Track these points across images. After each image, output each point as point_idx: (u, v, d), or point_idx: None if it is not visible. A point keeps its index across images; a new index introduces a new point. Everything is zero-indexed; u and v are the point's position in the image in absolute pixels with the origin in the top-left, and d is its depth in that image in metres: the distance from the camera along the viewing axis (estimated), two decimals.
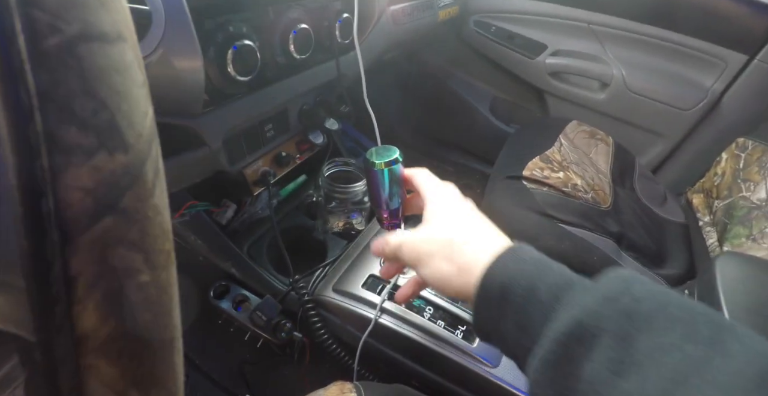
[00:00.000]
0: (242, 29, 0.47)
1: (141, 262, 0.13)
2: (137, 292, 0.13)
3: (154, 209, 0.13)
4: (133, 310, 0.13)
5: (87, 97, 0.12)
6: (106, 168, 0.12)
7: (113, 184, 0.12)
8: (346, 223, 0.63)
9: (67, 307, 0.12)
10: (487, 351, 0.46)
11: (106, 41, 0.13)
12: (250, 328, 0.54)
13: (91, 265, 0.12)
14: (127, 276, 0.13)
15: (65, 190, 0.11)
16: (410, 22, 0.83)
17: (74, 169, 0.11)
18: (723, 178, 0.81)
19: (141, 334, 0.13)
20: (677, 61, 0.92)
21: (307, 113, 0.63)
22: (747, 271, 0.48)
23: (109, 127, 0.12)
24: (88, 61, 0.12)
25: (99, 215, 0.12)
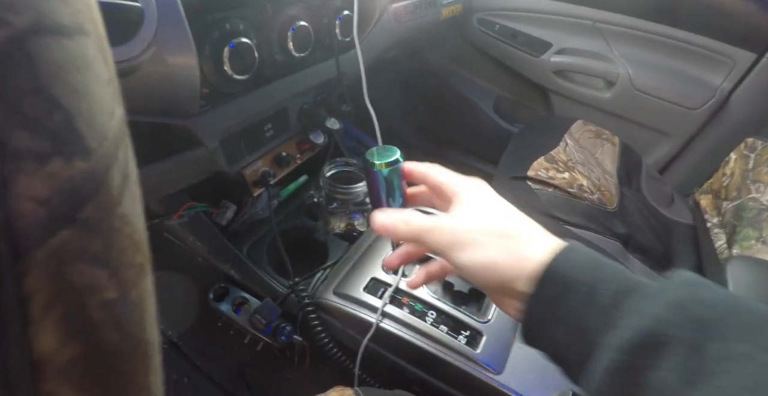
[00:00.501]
0: (239, 26, 0.45)
1: (105, 278, 0.12)
2: (102, 311, 0.12)
3: (122, 219, 0.12)
4: (97, 331, 0.12)
5: (39, 97, 0.10)
6: (62, 175, 0.11)
7: (71, 193, 0.11)
8: (347, 225, 0.62)
9: (21, 329, 0.10)
10: (490, 357, 0.44)
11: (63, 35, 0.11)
12: (249, 331, 0.52)
13: (47, 283, 0.11)
14: (89, 294, 0.11)
15: (15, 200, 0.10)
16: (412, 19, 0.82)
17: (25, 177, 0.10)
18: (732, 178, 0.79)
19: (107, 356, 0.12)
20: (684, 59, 0.90)
21: (308, 112, 0.61)
22: (758, 276, 0.46)
23: (66, 130, 0.11)
24: (40, 56, 0.11)
25: (55, 227, 0.10)
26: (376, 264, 0.51)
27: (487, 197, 0.27)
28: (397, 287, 0.48)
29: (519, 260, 0.23)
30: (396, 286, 0.48)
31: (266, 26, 0.49)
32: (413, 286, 0.33)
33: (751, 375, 0.15)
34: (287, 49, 0.50)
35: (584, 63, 0.94)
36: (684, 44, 0.90)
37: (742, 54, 0.86)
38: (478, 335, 0.45)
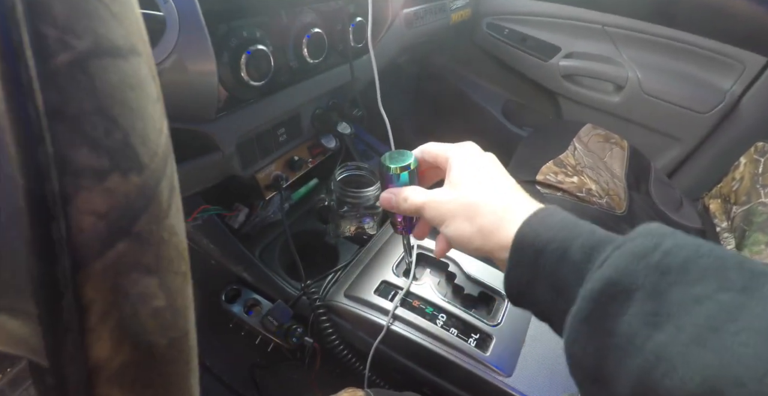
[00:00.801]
0: (256, 34, 0.46)
1: (156, 286, 0.12)
2: (152, 319, 0.12)
3: (170, 230, 0.13)
4: (147, 337, 0.12)
5: (99, 116, 0.11)
6: (119, 190, 0.11)
7: (127, 207, 0.11)
8: (358, 228, 0.62)
9: (80, 336, 0.11)
10: (500, 360, 0.44)
11: (119, 56, 0.12)
12: (261, 333, 0.53)
13: (105, 293, 0.11)
14: (141, 302, 0.12)
15: (77, 214, 0.11)
16: (423, 25, 0.82)
17: (86, 192, 0.11)
18: (741, 183, 0.78)
19: (156, 361, 0.13)
20: (694, 63, 0.89)
21: (320, 117, 0.62)
22: None
23: (123, 147, 0.11)
24: (100, 77, 0.11)
25: (112, 240, 0.11)
26: (387, 267, 0.52)
27: (472, 166, 0.29)
28: (407, 290, 0.48)
29: (488, 234, 0.25)
30: (407, 289, 0.48)
31: (282, 33, 0.49)
32: (438, 256, 0.35)
33: (710, 314, 0.16)
34: (302, 55, 0.51)
35: (593, 67, 0.94)
36: (693, 47, 0.89)
37: (752, 57, 0.86)
38: (487, 338, 0.46)
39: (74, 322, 0.11)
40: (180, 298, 0.13)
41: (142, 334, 0.12)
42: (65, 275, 0.11)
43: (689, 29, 0.89)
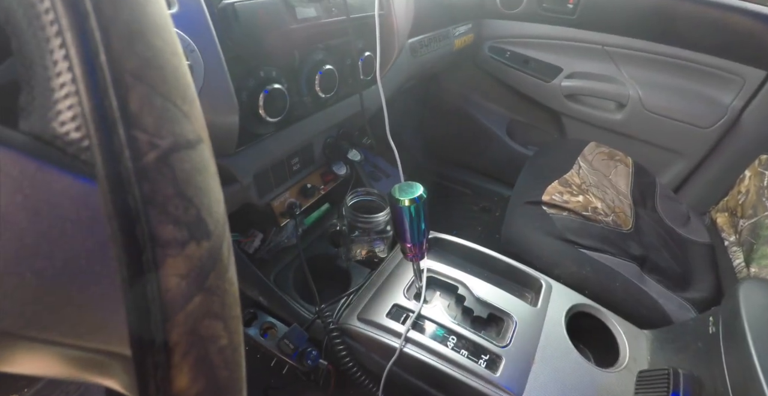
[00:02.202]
0: (272, 74, 0.51)
1: (221, 329, 0.16)
2: (218, 355, 0.15)
3: (230, 282, 0.16)
4: (215, 370, 0.15)
5: (179, 199, 0.15)
6: (195, 255, 0.15)
7: (201, 268, 0.15)
8: (368, 252, 0.65)
9: (166, 372, 0.14)
10: (509, 380, 0.46)
11: (190, 148, 0.16)
12: (276, 355, 0.56)
13: (185, 336, 0.15)
14: (211, 342, 0.15)
15: (165, 277, 0.14)
16: (428, 52, 0.87)
17: (171, 259, 0.14)
18: (747, 196, 0.80)
19: (221, 389, 0.16)
20: (694, 79, 0.93)
21: (331, 146, 0.66)
22: None
23: (197, 221, 0.15)
24: (178, 167, 0.15)
25: (191, 295, 0.15)
26: (398, 290, 0.55)
27: None
28: (419, 313, 0.51)
29: None
30: (418, 312, 0.51)
31: (295, 72, 0.54)
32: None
33: None
34: (315, 91, 0.55)
35: (595, 86, 0.98)
36: (693, 64, 0.93)
37: (752, 71, 0.89)
38: (497, 359, 0.48)
39: (162, 361, 0.14)
40: (237, 336, 0.16)
41: (211, 368, 0.15)
42: (156, 325, 0.14)
43: (688, 46, 0.92)
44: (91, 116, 0.14)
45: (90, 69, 0.14)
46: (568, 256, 0.64)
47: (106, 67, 0.14)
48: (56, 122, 0.14)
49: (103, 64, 0.14)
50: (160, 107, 0.15)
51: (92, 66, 0.14)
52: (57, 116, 0.14)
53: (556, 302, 0.56)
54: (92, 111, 0.14)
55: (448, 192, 1.15)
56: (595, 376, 0.50)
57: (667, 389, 0.45)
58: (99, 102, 0.14)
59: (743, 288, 0.48)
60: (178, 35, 0.39)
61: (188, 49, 0.41)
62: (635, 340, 0.56)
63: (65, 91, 0.14)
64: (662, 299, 0.64)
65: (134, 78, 0.15)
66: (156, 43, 0.16)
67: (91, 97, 0.14)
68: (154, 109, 0.15)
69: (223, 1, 0.43)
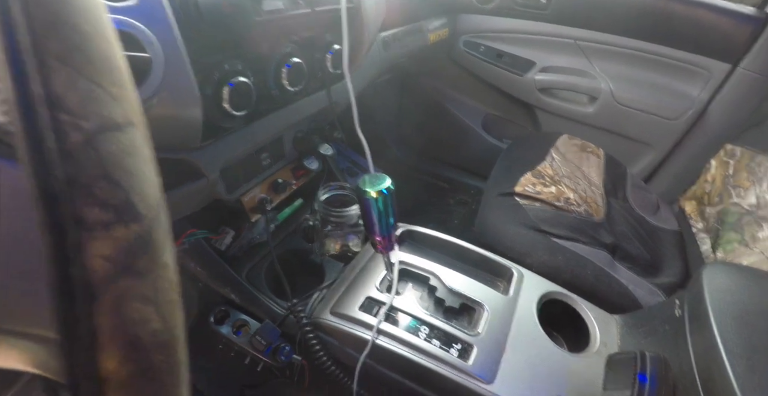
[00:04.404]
0: (237, 66, 0.50)
1: (153, 312, 0.16)
2: (151, 339, 0.16)
3: (164, 267, 0.16)
4: (147, 354, 0.16)
5: (106, 181, 0.15)
6: (122, 238, 0.15)
7: (129, 250, 0.15)
8: (342, 246, 0.66)
9: (93, 354, 0.15)
10: (481, 368, 0.47)
11: (119, 130, 0.16)
12: (250, 352, 0.56)
13: (112, 319, 0.15)
14: (142, 326, 0.15)
15: (90, 259, 0.14)
16: (401, 46, 0.88)
17: (96, 241, 0.14)
18: (713, 184, 0.83)
19: (154, 373, 0.16)
20: (663, 72, 0.96)
21: (302, 140, 0.66)
22: (734, 280, 0.50)
23: (125, 204, 0.15)
24: (104, 150, 0.15)
25: (118, 277, 0.15)
26: (371, 283, 0.55)
27: None
28: (391, 305, 0.52)
29: None
30: (390, 304, 0.52)
31: (262, 64, 0.54)
32: None
33: None
34: (282, 84, 0.55)
35: (567, 80, 1.00)
36: (662, 58, 0.96)
37: (718, 65, 0.92)
38: (469, 348, 0.49)
39: (88, 344, 0.14)
40: (173, 321, 0.17)
41: (142, 352, 0.15)
42: (81, 306, 0.14)
43: (657, 41, 0.96)
44: (15, 99, 0.14)
45: (13, 52, 0.14)
46: (540, 246, 0.66)
47: (30, 50, 0.14)
48: None
49: (26, 48, 0.14)
50: (85, 90, 0.15)
51: (15, 49, 0.14)
52: None
53: (527, 290, 0.57)
54: (16, 94, 0.14)
55: (424, 185, 1.16)
56: (566, 361, 0.51)
57: (634, 371, 0.47)
58: (22, 85, 0.14)
59: (706, 272, 0.51)
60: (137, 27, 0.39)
61: (147, 41, 0.40)
62: (606, 325, 0.58)
63: None
64: (632, 285, 0.67)
65: (59, 61, 0.15)
66: (84, 28, 0.16)
67: (15, 80, 0.14)
68: (78, 92, 0.15)
69: None
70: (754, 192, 0.77)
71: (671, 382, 0.46)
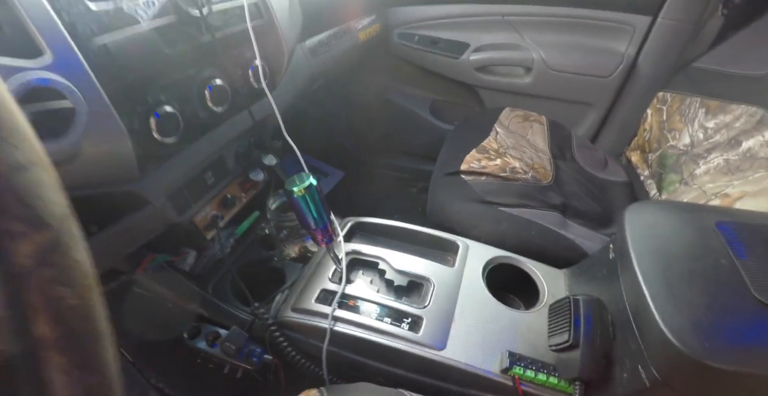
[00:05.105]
0: (160, 97, 0.58)
1: (69, 292, 0.23)
2: (69, 311, 0.23)
3: (75, 259, 0.24)
4: (69, 323, 0.23)
5: (20, 203, 0.22)
6: (37, 241, 0.22)
7: (43, 249, 0.22)
8: (301, 248, 0.73)
9: (28, 322, 0.22)
10: (432, 337, 0.54)
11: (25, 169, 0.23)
12: (227, 360, 0.63)
13: (38, 297, 0.22)
14: (60, 302, 0.23)
15: (16, 256, 0.22)
16: (329, 50, 0.96)
17: (19, 245, 0.22)
18: (651, 132, 0.92)
19: (78, 336, 0.23)
20: (589, 34, 1.05)
21: (243, 155, 0.74)
22: (654, 215, 0.57)
23: (36, 218, 0.23)
24: (15, 183, 0.22)
25: (38, 267, 0.22)
26: (324, 277, 0.62)
27: None
28: (342, 293, 0.59)
29: None
30: (342, 292, 0.59)
31: (184, 90, 0.61)
32: None
33: None
34: (208, 106, 0.62)
35: (501, 55, 1.09)
36: (586, 21, 1.05)
37: (640, 19, 1.01)
38: (418, 320, 0.56)
39: (24, 315, 0.22)
40: (89, 298, 0.24)
41: (64, 321, 0.23)
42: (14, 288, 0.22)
43: (579, 5, 1.05)
44: None
45: None
46: (486, 216, 0.73)
47: None
48: None
49: None
50: None
51: None
52: None
53: (473, 260, 0.65)
54: None
55: (385, 179, 1.24)
56: (515, 318, 0.59)
57: (570, 316, 0.54)
58: None
59: (628, 212, 0.58)
60: (56, 81, 0.46)
61: (67, 91, 0.47)
62: (554, 280, 0.65)
63: None
64: (582, 239, 0.74)
65: None
66: None
67: None
68: None
69: (95, 41, 0.50)
70: (688, 132, 0.85)
71: (608, 321, 0.53)
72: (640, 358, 0.45)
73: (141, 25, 0.53)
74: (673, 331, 0.41)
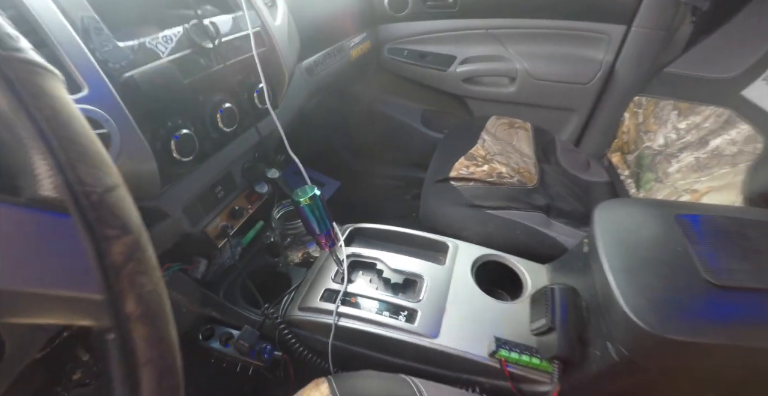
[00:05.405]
0: (178, 121, 0.68)
1: (148, 280, 0.33)
2: (148, 295, 0.33)
3: (149, 255, 0.33)
4: (147, 303, 0.33)
5: (112, 216, 0.32)
6: (125, 242, 0.32)
7: (130, 248, 0.32)
8: (303, 253, 0.83)
9: (120, 302, 0.32)
10: (426, 327, 0.64)
11: (113, 190, 0.33)
12: (239, 359, 0.72)
13: (127, 284, 0.32)
14: (142, 287, 0.33)
15: (112, 254, 0.32)
16: (325, 69, 1.07)
17: (113, 245, 0.32)
18: (629, 134, 1.03)
19: (154, 315, 0.33)
20: (568, 44, 1.17)
21: (249, 170, 0.84)
22: (621, 210, 0.66)
23: (124, 225, 0.33)
24: (108, 201, 0.33)
25: (127, 262, 0.32)
26: (327, 278, 0.72)
27: None
28: (345, 291, 0.69)
29: None
30: (344, 291, 0.69)
31: (199, 114, 0.72)
32: None
33: None
34: (219, 127, 0.73)
35: (487, 67, 1.20)
36: (565, 31, 1.17)
37: (615, 28, 1.13)
38: (414, 312, 0.65)
39: (118, 298, 0.32)
40: (159, 286, 0.34)
41: (144, 302, 0.33)
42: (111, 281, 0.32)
43: (558, 17, 1.17)
44: (62, 182, 0.32)
45: (54, 159, 0.32)
46: (474, 219, 0.84)
47: (64, 159, 0.32)
48: (43, 191, 0.31)
49: (61, 158, 0.32)
50: (92, 173, 0.33)
51: (55, 158, 0.32)
52: (43, 187, 0.31)
53: (462, 258, 0.75)
54: (63, 179, 0.32)
55: (380, 188, 1.35)
56: (501, 309, 0.68)
57: (548, 303, 0.64)
58: (63, 175, 0.32)
59: (598, 209, 0.67)
60: (93, 111, 0.57)
61: (103, 120, 0.58)
62: (537, 274, 0.75)
63: (48, 175, 0.31)
64: (566, 237, 0.84)
65: (77, 161, 0.32)
66: (83, 139, 0.33)
67: (59, 172, 0.32)
68: (89, 174, 0.33)
69: (124, 75, 0.61)
70: (662, 133, 0.96)
71: (581, 306, 0.63)
72: (609, 337, 0.54)
73: (161, 58, 0.63)
74: (634, 311, 0.49)
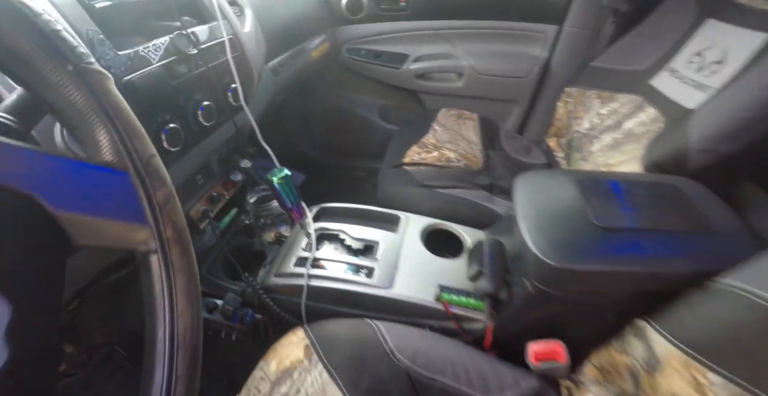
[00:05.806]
0: (166, 117, 0.89)
1: (179, 215, 0.55)
2: (180, 226, 0.55)
3: (177, 202, 0.56)
4: (180, 231, 0.55)
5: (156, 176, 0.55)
6: (164, 192, 0.55)
7: (168, 195, 0.55)
8: (276, 233, 1.05)
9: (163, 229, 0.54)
10: (381, 280, 0.85)
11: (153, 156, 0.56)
12: (223, 324, 0.92)
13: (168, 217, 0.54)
14: (177, 220, 0.55)
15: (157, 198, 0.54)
16: (288, 69, 1.30)
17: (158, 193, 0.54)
18: (562, 121, 1.31)
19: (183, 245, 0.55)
20: (509, 42, 1.44)
21: (225, 160, 1.05)
22: (534, 179, 0.91)
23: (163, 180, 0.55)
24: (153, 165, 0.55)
25: (167, 203, 0.54)
26: (299, 248, 0.93)
27: None
28: (314, 257, 0.91)
29: None
30: (313, 256, 0.91)
31: (182, 110, 0.92)
32: None
33: None
34: (200, 122, 0.94)
35: (437, 64, 1.46)
36: (506, 31, 1.44)
37: (549, 28, 1.41)
38: (372, 269, 0.87)
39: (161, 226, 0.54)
40: (183, 220, 0.56)
41: (178, 229, 0.55)
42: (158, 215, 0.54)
43: (499, 18, 1.44)
44: (123, 151, 0.54)
45: (118, 138, 0.54)
46: (425, 197, 1.08)
47: (125, 137, 0.54)
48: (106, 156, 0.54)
49: (124, 137, 0.54)
50: (142, 145, 0.55)
51: (120, 136, 0.54)
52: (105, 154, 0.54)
53: (413, 227, 0.98)
54: (123, 150, 0.54)
55: (344, 178, 1.58)
56: (445, 264, 0.92)
57: (479, 253, 0.89)
58: (125, 147, 0.54)
59: (518, 178, 0.91)
60: None
61: None
62: (476, 237, 0.99)
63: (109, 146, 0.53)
64: (504, 209, 1.10)
65: (133, 137, 0.54)
66: (133, 123, 0.56)
67: (121, 145, 0.54)
68: (140, 146, 0.55)
69: (124, 79, 0.82)
70: (587, 119, 1.24)
71: (505, 255, 0.88)
72: (525, 275, 0.78)
73: (153, 64, 0.85)
74: (540, 250, 0.69)
